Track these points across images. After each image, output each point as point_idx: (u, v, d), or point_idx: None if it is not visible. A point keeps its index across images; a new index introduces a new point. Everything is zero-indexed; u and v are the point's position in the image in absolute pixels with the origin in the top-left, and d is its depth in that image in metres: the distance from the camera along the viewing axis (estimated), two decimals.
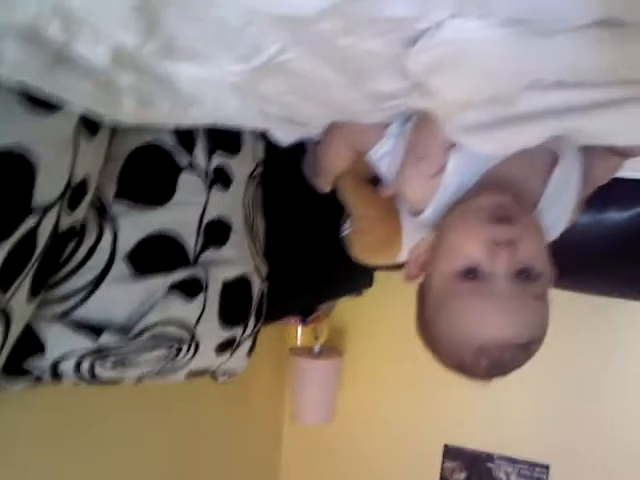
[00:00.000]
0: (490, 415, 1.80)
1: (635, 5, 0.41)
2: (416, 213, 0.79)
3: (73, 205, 0.65)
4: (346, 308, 1.91)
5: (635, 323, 1.66)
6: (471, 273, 0.67)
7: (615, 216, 1.35)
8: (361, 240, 1.03)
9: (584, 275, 1.44)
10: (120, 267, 0.76)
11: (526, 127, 0.60)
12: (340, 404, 1.90)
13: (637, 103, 0.53)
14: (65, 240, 0.68)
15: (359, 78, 0.64)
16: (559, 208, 0.78)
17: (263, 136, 0.98)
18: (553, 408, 1.75)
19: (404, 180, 0.77)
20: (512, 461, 1.81)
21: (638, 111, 0.51)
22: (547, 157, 0.73)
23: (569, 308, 1.66)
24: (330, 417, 1.87)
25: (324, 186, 0.99)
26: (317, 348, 1.82)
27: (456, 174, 0.72)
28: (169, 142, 0.80)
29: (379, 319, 1.88)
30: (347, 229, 1.05)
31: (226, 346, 0.94)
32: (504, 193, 0.69)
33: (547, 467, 1.77)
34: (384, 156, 0.83)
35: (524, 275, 0.66)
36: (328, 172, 0.94)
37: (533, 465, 1.78)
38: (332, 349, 1.88)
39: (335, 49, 0.51)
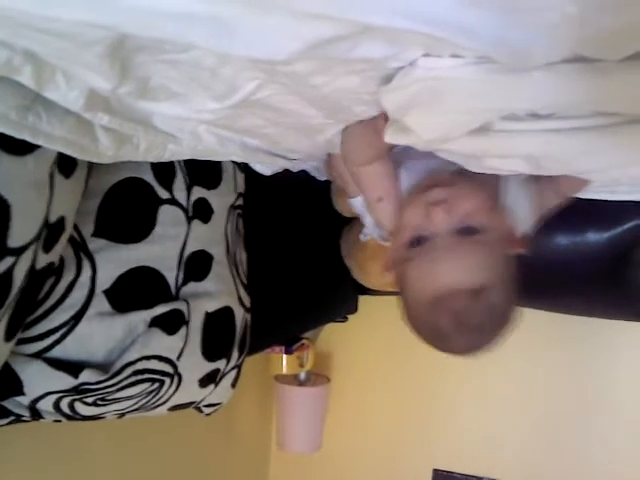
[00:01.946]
0: (479, 439, 1.79)
1: (601, 44, 0.42)
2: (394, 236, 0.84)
3: (49, 244, 0.64)
4: (331, 334, 1.90)
5: (619, 342, 1.67)
6: (418, 240, 0.73)
7: (595, 237, 1.36)
8: None
9: (565, 296, 1.46)
10: (99, 303, 0.75)
11: (501, 158, 0.62)
12: (327, 430, 1.88)
13: (608, 131, 0.54)
14: (43, 277, 0.68)
15: (337, 114, 0.64)
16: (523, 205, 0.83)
17: (243, 167, 0.98)
18: (542, 432, 1.75)
19: (377, 219, 0.85)
20: None
21: (606, 138, 0.52)
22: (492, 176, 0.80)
23: (553, 329, 1.67)
24: (318, 445, 1.85)
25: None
26: (303, 375, 1.80)
27: (405, 180, 0.81)
28: (148, 176, 0.80)
29: (364, 344, 1.87)
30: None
31: (210, 378, 0.92)
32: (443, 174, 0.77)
33: None
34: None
35: (465, 231, 0.71)
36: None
37: None
38: (318, 376, 1.86)
39: (311, 87, 0.51)
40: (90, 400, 0.77)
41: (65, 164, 0.62)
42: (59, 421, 0.80)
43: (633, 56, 0.44)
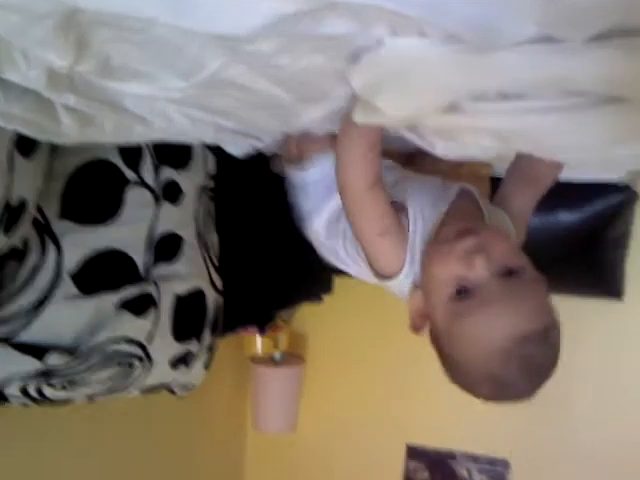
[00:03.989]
0: (450, 414, 1.81)
1: (567, 22, 0.41)
2: (387, 277, 0.81)
3: (10, 227, 0.62)
4: (306, 315, 1.90)
5: (588, 320, 1.70)
6: (462, 292, 0.70)
7: (566, 218, 1.38)
8: None
9: None
10: (66, 287, 0.74)
11: (473, 134, 0.61)
12: (302, 410, 1.89)
13: (576, 112, 0.54)
14: (5, 261, 0.66)
15: (308, 95, 0.63)
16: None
17: (213, 149, 0.96)
18: (513, 405, 1.78)
19: (374, 259, 0.81)
20: (473, 458, 1.83)
21: (575, 117, 0.52)
22: (471, 205, 0.82)
23: None
24: (293, 425, 1.86)
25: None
26: (277, 356, 1.80)
27: (417, 230, 0.78)
28: (114, 157, 0.78)
29: (339, 325, 1.88)
30: None
31: (181, 360, 0.92)
32: (460, 221, 0.75)
33: (507, 463, 1.80)
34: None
35: (508, 273, 0.69)
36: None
37: (494, 461, 1.81)
38: (293, 356, 1.87)
39: (277, 67, 0.50)
40: (58, 384, 0.76)
41: (25, 144, 0.60)
42: (27, 405, 0.79)
43: (598, 36, 0.44)
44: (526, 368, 0.68)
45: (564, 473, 1.74)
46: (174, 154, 0.88)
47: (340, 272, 1.55)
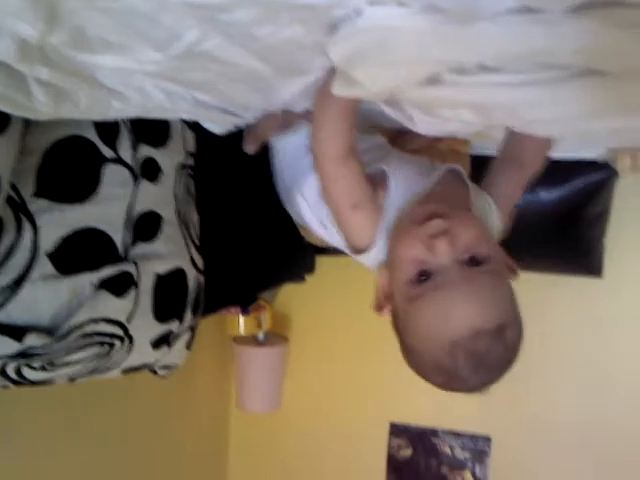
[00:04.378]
0: (433, 392, 1.83)
1: None
2: (360, 251, 0.79)
3: None
4: (289, 295, 1.90)
5: (568, 297, 1.73)
6: (423, 275, 0.68)
7: (546, 196, 1.39)
8: None
9: (519, 253, 1.48)
10: (43, 266, 0.72)
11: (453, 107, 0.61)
12: (286, 389, 1.91)
13: (556, 84, 0.54)
14: None
15: (287, 68, 0.62)
16: (491, 220, 0.82)
17: (193, 126, 0.95)
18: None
19: (346, 231, 0.79)
20: (456, 435, 1.86)
21: (553, 91, 0.52)
22: (459, 187, 0.80)
23: None
24: (277, 405, 1.87)
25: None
26: (261, 336, 1.81)
27: (392, 206, 0.75)
28: (91, 134, 0.76)
29: (322, 305, 1.89)
30: None
31: (163, 340, 0.91)
32: (437, 202, 0.72)
33: (489, 439, 1.83)
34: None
35: (472, 261, 0.66)
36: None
37: (476, 437, 1.84)
38: (276, 336, 1.87)
39: (255, 39, 0.49)
40: (37, 365, 0.75)
41: None
42: (6, 387, 0.79)
43: (577, 7, 0.44)
44: (475, 364, 0.66)
45: (544, 449, 1.77)
46: (152, 132, 0.86)
47: (322, 252, 1.55)
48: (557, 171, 1.33)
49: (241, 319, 1.69)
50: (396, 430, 1.91)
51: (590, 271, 1.55)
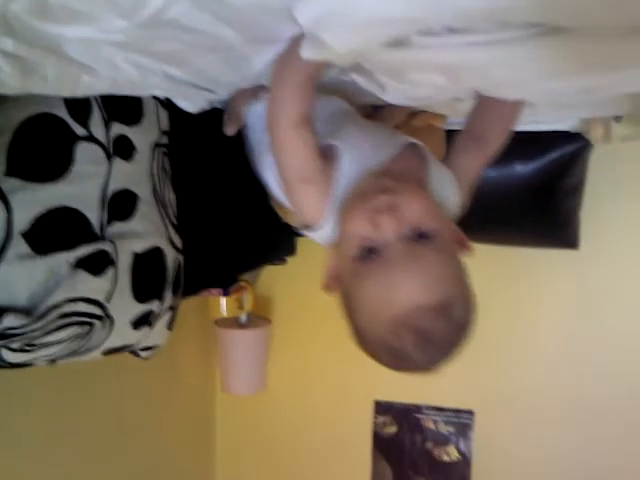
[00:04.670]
0: None
1: None
2: (310, 228, 0.78)
3: None
4: (271, 276, 1.90)
5: (546, 270, 1.75)
6: (368, 252, 0.66)
7: (522, 169, 1.40)
8: None
9: (495, 227, 1.50)
10: (18, 246, 0.72)
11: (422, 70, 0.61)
12: (271, 370, 1.91)
13: (517, 42, 0.54)
14: None
15: (256, 36, 0.62)
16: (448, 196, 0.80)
17: (166, 104, 0.94)
18: (475, 356, 1.83)
19: (296, 205, 0.77)
20: (439, 410, 1.88)
21: (517, 50, 0.52)
22: (417, 161, 0.77)
23: (484, 260, 1.73)
24: (262, 386, 1.88)
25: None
26: (243, 318, 1.81)
27: (343, 180, 0.73)
28: (61, 111, 0.75)
29: (304, 285, 1.88)
30: None
31: (143, 320, 0.91)
32: (386, 177, 0.70)
33: (472, 412, 1.86)
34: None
35: (418, 237, 0.65)
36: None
37: (459, 412, 1.87)
38: (259, 318, 1.87)
39: (221, 3, 0.49)
40: (16, 346, 0.75)
41: None
42: None
43: None
44: (420, 342, 0.64)
45: (526, 421, 1.80)
46: (125, 110, 0.85)
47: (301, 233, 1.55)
48: (531, 143, 1.35)
49: (223, 301, 1.69)
50: (380, 408, 1.93)
51: (567, 243, 1.56)
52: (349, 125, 0.83)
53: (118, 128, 0.83)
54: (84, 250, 0.77)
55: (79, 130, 0.77)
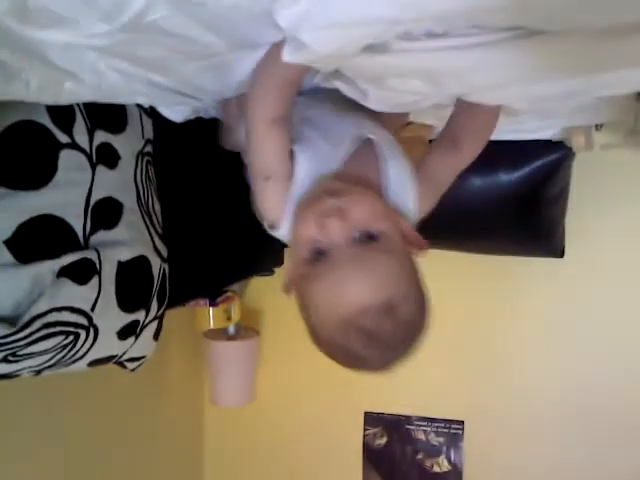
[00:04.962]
0: (405, 380, 1.85)
1: None
2: (271, 227, 0.79)
3: None
4: (259, 288, 1.90)
5: (531, 279, 1.75)
6: (317, 254, 0.68)
7: (505, 178, 1.42)
8: None
9: (480, 236, 1.51)
10: (1, 254, 0.71)
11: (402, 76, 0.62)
12: (260, 382, 1.90)
13: (495, 46, 0.55)
14: None
15: (239, 41, 0.63)
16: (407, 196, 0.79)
17: (151, 113, 0.95)
18: (464, 367, 1.83)
19: (259, 201, 0.78)
20: (429, 421, 1.88)
21: (496, 53, 0.53)
22: (373, 159, 0.77)
23: (470, 270, 1.74)
24: (251, 398, 1.86)
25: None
26: (231, 329, 1.80)
27: (301, 182, 0.74)
28: (44, 119, 0.76)
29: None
30: None
31: (129, 330, 0.91)
32: (340, 180, 0.72)
33: (462, 422, 1.85)
34: None
35: (365, 239, 0.67)
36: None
37: (449, 422, 1.86)
38: (247, 329, 1.87)
39: (202, 6, 0.50)
40: (0, 356, 0.74)
41: None
42: None
43: None
44: (367, 342, 0.65)
45: (516, 432, 1.80)
46: (109, 118, 0.86)
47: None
48: (515, 152, 1.37)
49: (210, 312, 1.68)
50: (371, 419, 1.92)
51: (552, 252, 1.58)
52: (315, 121, 0.82)
53: (102, 136, 0.83)
54: (68, 258, 0.77)
55: (63, 138, 0.77)
